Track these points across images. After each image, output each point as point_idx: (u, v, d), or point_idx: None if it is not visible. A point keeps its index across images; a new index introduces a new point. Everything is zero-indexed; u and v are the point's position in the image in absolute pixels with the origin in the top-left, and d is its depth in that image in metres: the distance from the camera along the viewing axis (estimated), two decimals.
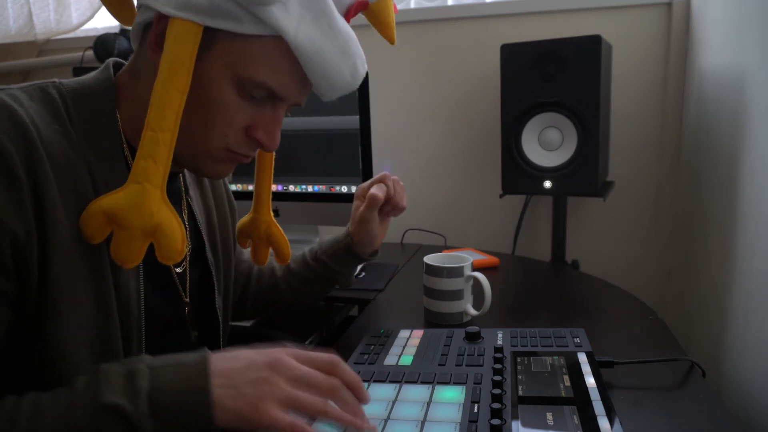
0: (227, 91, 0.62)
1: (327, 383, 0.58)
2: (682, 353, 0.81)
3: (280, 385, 0.55)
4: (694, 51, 1.44)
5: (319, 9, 0.61)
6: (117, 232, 0.58)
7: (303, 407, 0.55)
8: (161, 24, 0.60)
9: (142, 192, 0.58)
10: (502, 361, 0.74)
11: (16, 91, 0.60)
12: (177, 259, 0.61)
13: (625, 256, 1.65)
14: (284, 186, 1.47)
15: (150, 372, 0.53)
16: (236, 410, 0.53)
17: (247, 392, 0.54)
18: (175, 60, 0.58)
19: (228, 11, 0.58)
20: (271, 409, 0.53)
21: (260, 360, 0.57)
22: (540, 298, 1.12)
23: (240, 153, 0.66)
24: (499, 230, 1.73)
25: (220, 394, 0.53)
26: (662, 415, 0.66)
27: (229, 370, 0.55)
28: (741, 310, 1.03)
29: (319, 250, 0.97)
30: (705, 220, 1.30)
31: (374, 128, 1.36)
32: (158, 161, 0.58)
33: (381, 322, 1.00)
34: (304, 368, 0.58)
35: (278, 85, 0.63)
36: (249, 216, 0.84)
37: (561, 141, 1.34)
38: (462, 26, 1.67)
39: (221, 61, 0.61)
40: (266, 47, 0.60)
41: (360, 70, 0.66)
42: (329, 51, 0.62)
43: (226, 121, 0.63)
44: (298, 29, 0.59)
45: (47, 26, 2.11)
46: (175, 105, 0.59)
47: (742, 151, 1.04)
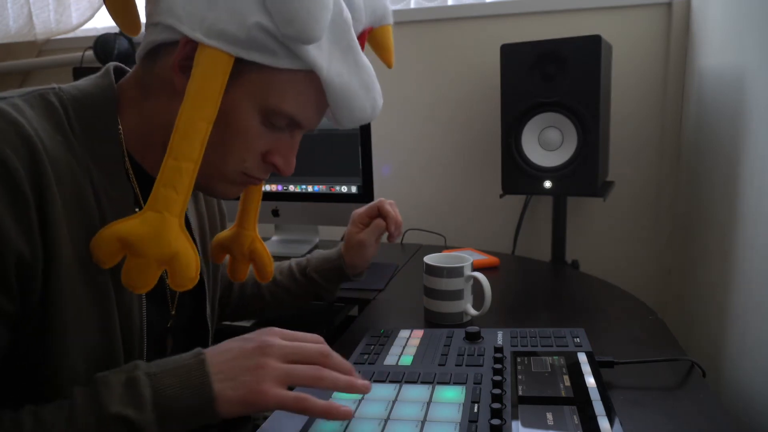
0: (251, 119, 0.62)
1: (316, 351, 0.61)
2: (682, 353, 0.81)
3: (274, 364, 0.57)
4: (694, 51, 1.44)
5: (347, 44, 0.62)
6: (131, 258, 0.57)
7: (300, 379, 0.58)
8: (188, 48, 0.59)
9: (161, 221, 0.57)
10: (502, 361, 0.74)
11: (17, 100, 0.58)
12: (189, 286, 0.61)
13: (625, 256, 1.65)
14: (284, 186, 1.47)
15: (149, 379, 0.54)
16: (239, 399, 0.55)
17: (246, 380, 0.55)
18: (204, 89, 0.58)
19: (264, 45, 0.58)
20: (271, 389, 0.55)
21: (250, 347, 0.58)
22: (540, 298, 1.12)
23: (255, 177, 0.67)
24: (499, 230, 1.73)
25: (220, 389, 0.54)
26: (662, 415, 0.66)
27: (224, 362, 0.57)
28: (741, 310, 1.03)
29: (309, 267, 0.99)
30: (705, 220, 1.30)
31: (374, 128, 1.36)
32: (179, 191, 0.58)
33: (381, 322, 1.00)
34: (292, 344, 0.60)
35: (303, 116, 0.64)
36: (232, 230, 0.80)
37: (561, 141, 1.34)
38: (462, 26, 1.67)
39: (248, 90, 0.61)
40: (297, 81, 0.62)
41: (379, 104, 0.68)
42: (355, 86, 0.64)
43: (246, 147, 0.64)
44: (330, 66, 0.61)
45: (47, 26, 2.11)
46: (201, 135, 0.58)
47: (742, 151, 1.04)
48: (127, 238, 0.56)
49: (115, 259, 0.58)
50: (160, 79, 0.63)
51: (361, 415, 0.64)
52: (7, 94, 0.59)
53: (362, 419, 0.63)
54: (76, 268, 0.57)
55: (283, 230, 1.58)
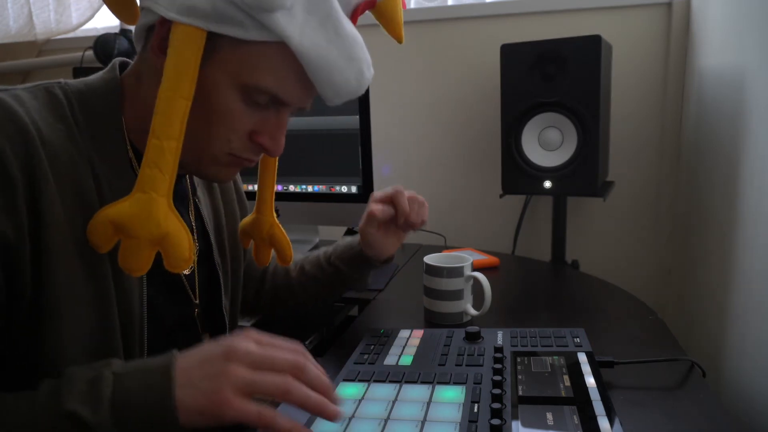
0: (231, 97, 0.61)
1: (289, 362, 0.55)
2: (682, 353, 0.81)
3: (238, 372, 0.52)
4: (694, 51, 1.44)
5: (325, 13, 0.60)
6: (124, 241, 0.58)
7: (264, 391, 0.53)
8: (164, 28, 0.59)
9: (148, 201, 0.57)
10: (502, 361, 0.74)
11: (20, 91, 0.60)
12: (184, 267, 0.61)
13: (625, 256, 1.65)
14: (284, 186, 1.47)
15: (114, 378, 0.52)
16: (198, 408, 0.51)
17: (205, 387, 0.51)
18: (179, 66, 0.57)
19: (232, 17, 0.57)
20: (231, 399, 0.51)
21: (216, 351, 0.54)
22: (540, 298, 1.12)
23: (244, 158, 0.66)
24: (499, 230, 1.73)
25: (181, 395, 0.51)
26: (662, 415, 0.66)
27: (189, 368, 0.53)
28: (741, 310, 1.03)
29: (333, 254, 0.97)
30: (705, 220, 1.30)
31: (374, 128, 1.36)
32: (164, 170, 0.58)
33: (381, 322, 1.00)
34: (263, 351, 0.55)
35: (283, 92, 0.62)
36: (252, 216, 0.83)
37: (561, 141, 1.34)
38: (462, 26, 1.67)
39: (225, 67, 0.60)
40: (270, 53, 0.60)
41: (366, 75, 0.64)
42: (335, 57, 0.60)
43: (230, 127, 0.63)
44: (303, 35, 0.58)
45: (47, 26, 2.11)
46: (180, 112, 0.58)
47: (742, 151, 1.04)
48: (118, 219, 0.57)
49: (111, 243, 0.58)
50: (148, 63, 0.64)
51: (361, 415, 0.64)
52: (11, 87, 0.60)
53: (362, 419, 0.63)
54: (74, 256, 0.58)
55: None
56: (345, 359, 0.79)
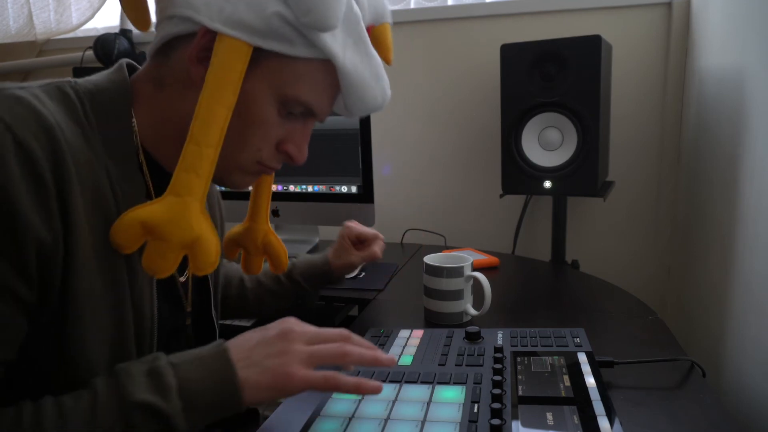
0: (269, 108, 0.63)
1: (338, 333, 0.63)
2: (682, 353, 0.81)
3: (298, 348, 0.59)
4: (694, 51, 1.44)
5: (358, 35, 0.64)
6: (152, 243, 0.58)
7: (326, 358, 0.59)
8: (206, 39, 0.60)
9: (183, 205, 0.59)
10: (502, 361, 0.74)
11: (37, 90, 0.59)
12: (210, 270, 0.62)
13: (625, 256, 1.65)
14: (284, 186, 1.47)
15: (173, 368, 0.55)
16: (266, 384, 0.56)
17: (272, 364, 0.57)
18: (224, 78, 0.59)
19: (282, 34, 0.59)
20: (298, 371, 0.57)
21: (271, 334, 0.60)
22: (540, 298, 1.12)
23: (270, 166, 0.68)
24: (499, 230, 1.73)
25: (246, 375, 0.56)
26: (662, 415, 0.66)
27: (247, 350, 0.58)
28: (741, 310, 1.03)
29: (294, 270, 1.00)
30: (705, 220, 1.30)
31: (374, 128, 1.36)
32: (201, 175, 0.60)
33: (381, 322, 1.00)
34: (313, 328, 0.62)
35: (318, 105, 0.66)
36: (243, 225, 0.82)
37: (561, 141, 1.34)
38: (462, 26, 1.67)
39: (266, 79, 0.62)
40: (313, 69, 0.63)
41: (388, 94, 0.69)
42: (367, 75, 0.65)
43: (263, 136, 0.65)
44: (345, 55, 0.63)
45: (47, 26, 2.11)
46: (220, 121, 0.60)
47: (742, 151, 1.04)
48: (150, 221, 0.58)
49: (137, 245, 0.59)
50: (175, 71, 0.64)
51: (361, 415, 0.64)
52: (27, 85, 0.59)
53: (362, 419, 0.63)
54: (93, 259, 0.58)
55: (283, 230, 1.58)
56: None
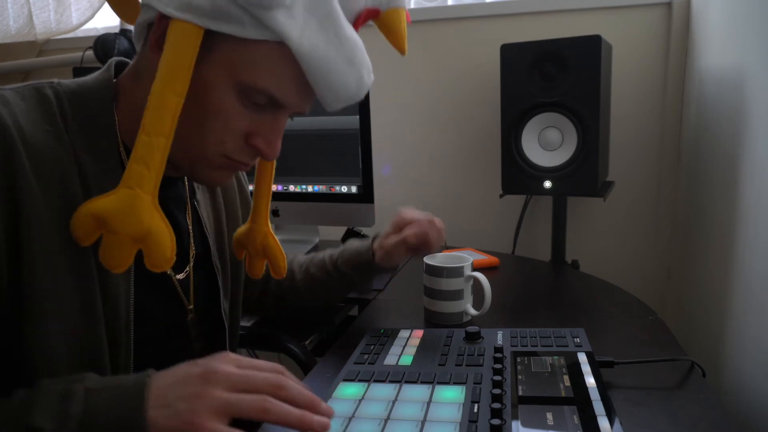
0: (227, 96, 0.60)
1: (269, 381, 0.55)
2: (682, 353, 0.81)
3: (215, 393, 0.52)
4: (694, 51, 1.44)
5: (325, 14, 0.59)
6: (106, 236, 0.57)
7: (243, 412, 0.52)
8: (162, 25, 0.59)
9: (133, 197, 0.56)
10: (502, 361, 0.74)
11: (6, 91, 0.59)
12: (166, 267, 0.59)
13: (625, 256, 1.65)
14: (284, 186, 1.47)
15: (85, 394, 0.51)
16: (172, 430, 0.50)
17: (181, 408, 0.51)
18: (174, 62, 0.57)
19: (231, 14, 0.56)
20: (207, 422, 0.50)
21: (194, 372, 0.54)
22: (540, 298, 1.12)
23: (238, 161, 0.65)
24: (499, 230, 1.73)
25: (154, 416, 0.50)
26: (662, 415, 0.66)
27: (165, 387, 0.52)
28: (741, 310, 1.03)
29: (340, 259, 0.98)
30: (705, 220, 1.30)
31: (374, 128, 1.36)
32: (151, 167, 0.57)
33: (381, 322, 1.00)
34: (241, 372, 0.55)
35: (280, 93, 0.61)
36: (246, 226, 0.80)
37: (561, 141, 1.34)
38: (462, 26, 1.67)
39: (222, 65, 0.59)
40: (269, 53, 0.59)
41: (366, 81, 0.64)
42: (334, 59, 0.59)
43: (224, 127, 0.62)
44: (303, 35, 0.58)
45: (47, 26, 2.11)
46: (171, 109, 0.57)
47: (742, 151, 1.04)
48: (100, 213, 0.56)
49: (92, 237, 0.58)
50: (147, 62, 0.63)
51: (361, 415, 0.63)
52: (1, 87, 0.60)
53: (362, 419, 0.63)
54: (57, 254, 0.57)
55: (283, 230, 1.58)
56: (345, 359, 0.79)
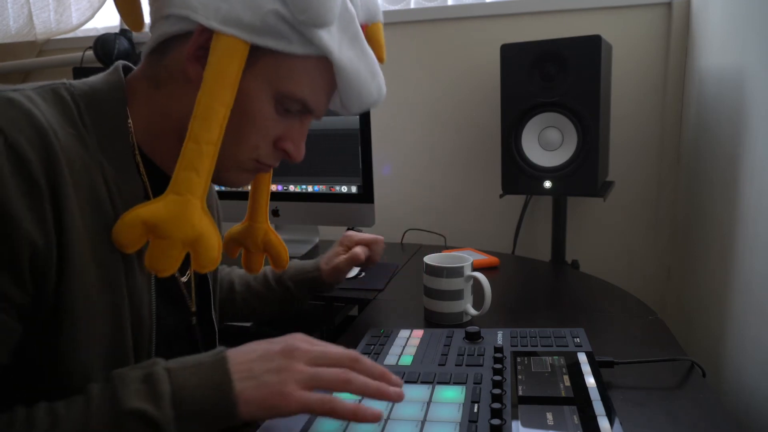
0: (266, 105, 0.64)
1: (345, 355, 0.59)
2: (682, 353, 0.81)
3: (300, 367, 0.56)
4: (694, 51, 1.44)
5: (354, 32, 0.64)
6: (155, 241, 0.59)
7: (326, 383, 0.56)
8: (203, 37, 0.60)
9: (184, 203, 0.59)
10: (502, 361, 0.74)
11: (30, 92, 0.59)
12: (212, 268, 0.62)
13: (625, 256, 1.65)
14: (284, 186, 1.47)
15: (168, 374, 0.54)
16: (261, 400, 0.54)
17: (269, 380, 0.55)
18: (221, 75, 0.59)
19: (278, 31, 0.60)
20: (295, 392, 0.54)
21: (275, 348, 0.58)
22: (540, 298, 1.12)
23: (266, 164, 0.68)
24: (499, 230, 1.73)
25: (242, 388, 0.54)
26: (662, 415, 0.66)
27: (247, 362, 0.56)
28: (741, 310, 1.03)
29: (284, 275, 0.99)
30: (705, 220, 1.30)
31: (374, 128, 1.36)
32: (201, 173, 0.60)
33: (381, 322, 1.00)
34: (319, 348, 0.59)
35: (314, 102, 0.66)
36: (243, 224, 0.82)
37: (561, 141, 1.34)
38: (462, 26, 1.67)
39: (264, 77, 0.62)
40: (310, 66, 0.63)
41: (383, 90, 0.70)
42: (363, 72, 0.66)
43: (261, 133, 0.65)
44: (341, 51, 0.63)
45: (47, 26, 2.11)
46: (220, 119, 0.60)
47: (742, 151, 1.04)
48: (151, 220, 0.58)
49: (139, 244, 0.59)
50: (171, 70, 0.64)
51: None
52: (21, 87, 0.59)
53: None
54: (90, 263, 0.57)
55: (283, 230, 1.58)
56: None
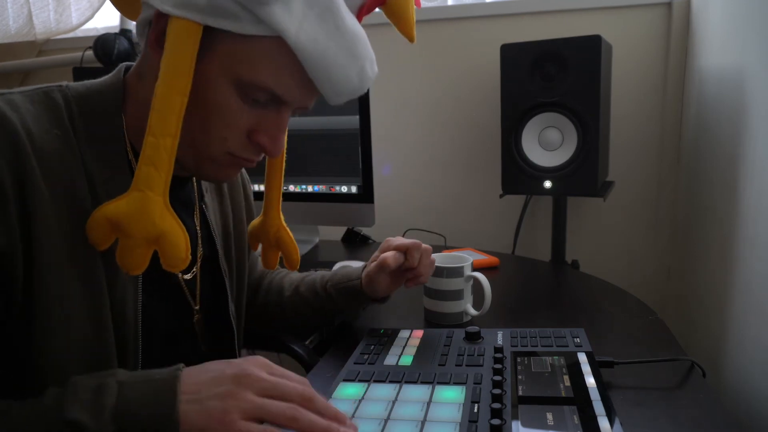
0: (228, 93, 0.60)
1: (298, 392, 0.56)
2: (682, 353, 0.81)
3: (247, 396, 0.53)
4: (694, 51, 1.44)
5: (325, 6, 0.57)
6: (121, 239, 0.58)
7: (272, 416, 0.53)
8: (161, 22, 0.58)
9: (144, 200, 0.57)
10: (502, 361, 0.74)
11: (15, 95, 0.59)
12: (181, 267, 0.60)
13: (625, 256, 1.65)
14: (284, 186, 1.47)
15: (118, 387, 0.52)
16: (202, 425, 0.51)
17: (213, 406, 0.52)
18: (175, 61, 0.56)
19: (227, 10, 0.56)
20: (237, 421, 0.51)
21: (228, 372, 0.55)
22: (540, 298, 1.12)
23: (243, 157, 0.64)
24: (499, 230, 1.73)
25: (185, 410, 0.51)
26: (662, 415, 0.66)
27: (196, 384, 0.54)
28: (741, 310, 1.03)
29: (330, 281, 0.92)
30: (705, 220, 1.30)
31: (374, 128, 1.36)
32: (160, 168, 0.57)
33: (381, 322, 1.00)
34: (273, 379, 0.56)
35: (281, 89, 0.60)
36: (259, 219, 0.81)
37: (561, 141, 1.34)
38: (462, 26, 1.67)
39: (222, 62, 0.58)
40: (267, 49, 0.58)
41: (368, 73, 0.62)
42: (334, 53, 0.58)
43: (226, 125, 0.61)
44: (300, 29, 0.56)
45: (47, 26, 2.11)
46: (176, 109, 0.57)
47: (742, 151, 1.04)
48: (114, 217, 0.56)
49: (108, 241, 0.58)
50: (149, 60, 0.63)
51: (361, 415, 0.64)
52: (8, 91, 0.59)
53: (362, 419, 0.63)
54: (66, 261, 0.57)
55: None
56: (345, 359, 0.79)
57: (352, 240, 1.59)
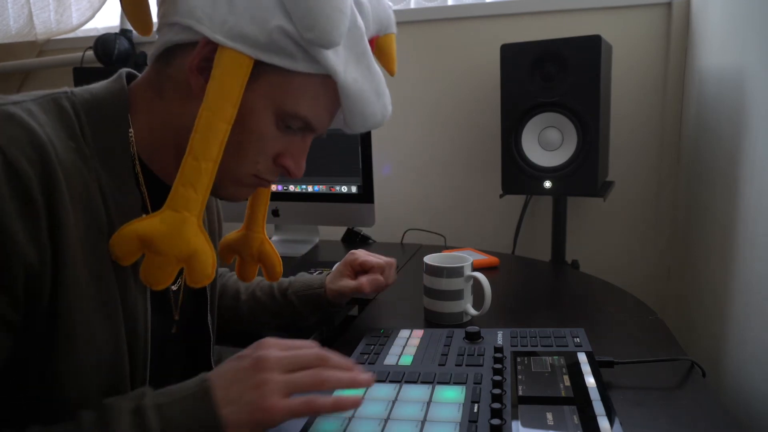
0: (267, 121, 0.63)
1: (314, 356, 0.60)
2: (682, 353, 0.81)
3: (275, 377, 0.56)
4: (694, 51, 1.44)
5: (362, 50, 0.64)
6: (150, 256, 0.58)
7: (303, 386, 0.57)
8: (207, 49, 0.59)
9: (181, 220, 0.58)
10: (502, 361, 0.74)
11: (30, 104, 0.58)
12: (206, 282, 0.62)
13: (625, 256, 1.65)
14: (284, 186, 1.47)
15: (157, 410, 0.53)
16: (248, 421, 0.54)
17: (249, 399, 0.54)
18: (224, 91, 0.58)
19: (283, 48, 0.59)
20: (278, 403, 0.54)
21: (246, 364, 0.57)
22: (540, 298, 1.12)
23: (266, 179, 0.68)
24: (499, 230, 1.73)
25: (226, 414, 0.53)
26: (662, 415, 0.66)
27: (223, 387, 0.55)
28: (741, 310, 1.03)
29: (290, 288, 0.96)
30: (705, 220, 1.30)
31: None
32: (199, 190, 0.59)
33: (381, 322, 1.00)
34: (289, 353, 0.59)
35: (316, 120, 0.65)
36: (240, 232, 0.81)
37: (561, 141, 1.34)
38: (462, 26, 1.67)
39: (266, 92, 0.61)
40: (313, 84, 0.62)
41: (389, 111, 0.69)
42: (368, 92, 0.65)
43: (261, 149, 0.65)
44: (346, 70, 0.62)
45: (47, 26, 2.11)
46: (220, 135, 0.59)
47: (742, 151, 1.04)
48: (146, 236, 0.57)
49: (134, 257, 0.59)
50: (174, 80, 0.63)
51: (361, 415, 0.64)
52: (21, 98, 0.58)
53: (362, 419, 0.63)
54: (84, 275, 0.57)
55: (283, 230, 1.58)
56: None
57: (352, 240, 1.59)
